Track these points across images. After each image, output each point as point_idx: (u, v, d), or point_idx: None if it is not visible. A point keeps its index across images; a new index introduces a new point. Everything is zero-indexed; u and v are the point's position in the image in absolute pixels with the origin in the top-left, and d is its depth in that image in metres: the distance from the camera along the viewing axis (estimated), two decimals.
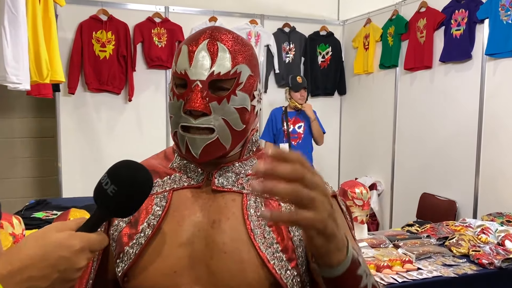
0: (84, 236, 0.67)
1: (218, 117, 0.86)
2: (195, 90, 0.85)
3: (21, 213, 2.95)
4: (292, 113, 4.15)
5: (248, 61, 0.90)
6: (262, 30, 4.47)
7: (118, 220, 0.93)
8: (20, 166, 4.25)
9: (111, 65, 3.94)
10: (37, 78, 2.38)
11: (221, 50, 0.87)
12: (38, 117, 4.24)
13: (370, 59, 4.39)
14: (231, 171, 0.93)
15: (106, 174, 0.70)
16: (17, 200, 4.09)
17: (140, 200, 0.72)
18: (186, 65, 0.87)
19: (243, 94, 0.89)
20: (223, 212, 0.88)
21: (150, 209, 0.91)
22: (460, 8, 3.43)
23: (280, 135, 4.14)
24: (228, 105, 0.87)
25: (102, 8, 3.92)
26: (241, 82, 0.88)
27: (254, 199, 0.90)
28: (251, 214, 0.88)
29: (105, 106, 4.04)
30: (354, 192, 2.48)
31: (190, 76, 0.86)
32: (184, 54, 0.88)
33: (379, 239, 2.49)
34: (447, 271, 2.10)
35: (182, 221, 0.89)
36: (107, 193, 0.68)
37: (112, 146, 4.01)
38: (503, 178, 3.14)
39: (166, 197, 0.92)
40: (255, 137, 0.99)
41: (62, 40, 3.79)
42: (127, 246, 0.89)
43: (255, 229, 0.86)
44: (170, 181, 0.94)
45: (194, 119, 0.86)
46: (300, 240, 0.89)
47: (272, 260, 0.84)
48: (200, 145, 0.87)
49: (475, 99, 3.32)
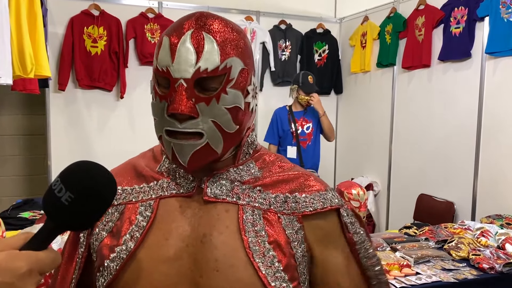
0: (31, 256, 0.55)
1: (207, 120, 0.76)
2: (179, 90, 0.74)
3: (8, 212, 2.88)
4: (298, 113, 3.85)
5: (240, 52, 0.78)
6: (257, 27, 4.39)
7: (99, 229, 0.83)
8: (9, 164, 4.16)
9: (102, 61, 3.85)
10: (21, 72, 2.29)
11: (208, 41, 0.74)
12: (28, 114, 4.15)
13: (367, 58, 4.33)
14: (226, 178, 0.83)
15: (59, 179, 0.58)
16: (5, 199, 4.01)
17: (101, 209, 0.61)
18: (168, 61, 0.75)
19: (235, 92, 0.77)
20: (215, 225, 0.79)
21: (133, 219, 0.81)
22: (459, 5, 3.36)
23: (287, 137, 3.84)
24: (218, 105, 0.76)
25: (94, 2, 3.83)
26: (232, 78, 0.77)
27: (251, 211, 0.80)
28: (249, 228, 0.78)
29: (97, 103, 3.96)
30: (351, 193, 2.41)
31: (173, 74, 0.74)
32: (165, 47, 0.76)
33: (376, 242, 2.42)
34: (446, 276, 2.03)
35: (169, 234, 0.79)
36: (61, 202, 0.57)
37: (103, 144, 3.92)
38: (503, 179, 3.08)
39: (152, 206, 0.82)
40: (251, 137, 0.88)
41: (53, 35, 3.70)
42: (107, 260, 0.79)
43: (253, 246, 0.77)
44: (157, 188, 0.84)
45: (180, 123, 0.75)
46: (302, 256, 0.80)
47: (273, 282, 0.75)
48: (188, 152, 0.76)
49: (474, 98, 3.26)
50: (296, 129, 3.80)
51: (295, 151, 3.78)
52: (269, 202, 0.82)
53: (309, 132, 3.84)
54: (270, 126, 3.94)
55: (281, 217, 0.81)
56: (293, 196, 0.83)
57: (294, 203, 0.82)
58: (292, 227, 0.81)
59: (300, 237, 0.80)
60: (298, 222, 0.81)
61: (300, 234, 0.81)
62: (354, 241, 0.85)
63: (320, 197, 0.83)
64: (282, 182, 0.84)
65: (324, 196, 0.84)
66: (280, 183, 0.84)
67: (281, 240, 0.79)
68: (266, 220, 0.80)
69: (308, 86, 3.73)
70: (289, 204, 0.82)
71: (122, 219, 0.82)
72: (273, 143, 3.92)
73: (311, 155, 3.84)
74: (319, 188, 0.85)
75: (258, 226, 0.79)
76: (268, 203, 0.81)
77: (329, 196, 0.85)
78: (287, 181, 0.84)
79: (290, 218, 0.81)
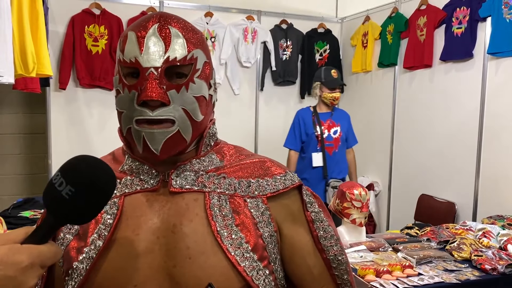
0: (33, 250, 0.55)
1: (178, 107, 0.78)
2: (150, 79, 0.76)
3: (8, 211, 2.87)
4: (324, 115, 3.46)
5: (202, 47, 0.82)
6: (259, 27, 4.38)
7: (63, 233, 0.83)
8: (9, 163, 4.15)
9: (103, 60, 3.84)
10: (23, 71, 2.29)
11: (174, 34, 0.78)
12: (28, 113, 4.13)
13: (368, 57, 4.32)
14: (189, 169, 0.85)
15: (59, 173, 0.59)
16: (6, 198, 3.99)
17: (102, 203, 0.61)
18: (136, 52, 0.77)
19: (200, 82, 0.81)
20: (184, 214, 0.80)
21: (99, 219, 0.81)
22: (461, 5, 3.36)
23: (311, 141, 3.44)
24: (187, 94, 0.79)
25: (95, 1, 3.82)
26: (198, 68, 0.80)
27: (218, 197, 0.82)
28: (216, 213, 0.80)
29: (97, 102, 3.95)
30: (353, 194, 2.40)
31: (143, 64, 0.76)
32: (132, 40, 0.78)
33: (378, 242, 2.42)
34: (449, 276, 2.03)
35: (138, 228, 0.79)
36: (62, 196, 0.57)
37: (103, 143, 3.90)
38: (504, 180, 3.08)
39: (117, 203, 0.82)
40: (212, 130, 0.91)
41: (54, 33, 3.69)
42: (76, 262, 0.79)
43: (221, 230, 0.79)
44: (120, 186, 0.84)
45: (151, 110, 0.77)
46: (270, 236, 0.83)
47: (242, 262, 0.77)
48: (160, 140, 0.77)
49: (476, 99, 3.25)
50: (322, 133, 3.41)
51: (320, 157, 3.40)
52: (234, 187, 0.85)
53: (336, 137, 3.46)
54: (291, 130, 3.55)
55: (246, 200, 0.84)
56: (256, 180, 0.86)
57: (257, 187, 0.86)
58: (257, 209, 0.84)
59: (266, 218, 0.84)
60: (263, 203, 0.85)
61: (266, 215, 0.84)
62: (312, 219, 0.88)
63: (281, 179, 0.88)
64: (243, 169, 0.88)
65: (284, 177, 0.88)
66: (241, 170, 0.87)
67: (247, 222, 0.81)
68: (232, 204, 0.83)
69: (331, 81, 3.37)
70: (253, 187, 0.85)
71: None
72: (295, 149, 3.52)
73: (338, 163, 3.47)
74: (279, 171, 0.89)
75: (225, 211, 0.81)
76: (233, 188, 0.84)
77: (289, 177, 0.89)
78: (247, 168, 0.88)
79: (256, 201, 0.84)
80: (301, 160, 3.53)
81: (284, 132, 4.64)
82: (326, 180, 3.41)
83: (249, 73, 4.43)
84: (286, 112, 4.65)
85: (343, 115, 3.56)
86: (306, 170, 3.46)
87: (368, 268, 2.05)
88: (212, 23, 4.18)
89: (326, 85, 3.38)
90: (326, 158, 3.40)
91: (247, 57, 4.34)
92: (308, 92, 4.64)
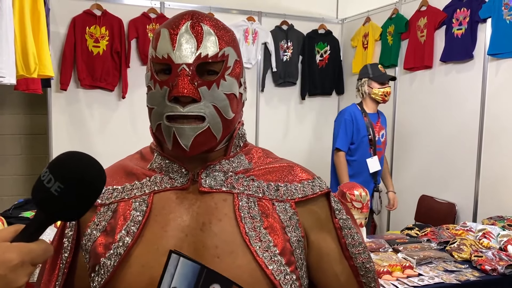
0: (23, 248, 0.55)
1: (209, 104, 0.78)
2: (181, 75, 0.76)
3: (9, 212, 2.87)
4: (373, 116, 3.25)
5: (234, 45, 0.83)
6: (259, 28, 4.39)
7: (91, 229, 0.83)
8: (10, 164, 4.15)
9: (104, 61, 3.85)
10: (24, 72, 2.29)
11: (206, 31, 0.79)
12: (29, 114, 4.14)
13: (369, 59, 4.32)
14: (219, 169, 0.85)
15: (48, 169, 0.58)
16: (7, 198, 4.00)
17: (92, 198, 0.60)
18: (168, 49, 0.78)
19: (231, 79, 0.81)
20: (213, 213, 0.80)
21: (128, 215, 0.81)
22: (462, 7, 3.36)
23: (361, 144, 3.20)
24: (218, 91, 0.79)
25: (96, 2, 3.83)
26: (229, 66, 0.81)
27: (247, 199, 0.82)
28: (245, 215, 0.80)
29: (98, 103, 3.96)
30: (353, 194, 2.41)
31: (175, 60, 0.77)
32: (165, 37, 0.79)
33: (378, 243, 2.42)
34: (449, 277, 2.03)
35: (167, 225, 0.80)
36: (51, 193, 0.56)
37: (105, 144, 3.92)
38: (504, 181, 3.08)
39: (146, 200, 0.82)
40: (242, 131, 0.91)
41: (55, 34, 3.70)
42: (103, 258, 0.79)
43: (250, 232, 0.79)
44: (150, 183, 0.85)
45: (182, 106, 0.77)
46: (298, 241, 0.82)
47: (270, 265, 0.77)
48: (191, 136, 0.78)
49: (477, 100, 3.26)
50: (374, 136, 3.18)
51: (377, 161, 3.18)
52: (262, 190, 0.84)
53: (383, 140, 3.30)
54: (342, 128, 3.23)
55: (275, 204, 0.83)
56: (284, 184, 0.86)
57: (286, 191, 0.85)
58: (286, 213, 0.83)
59: (294, 222, 0.83)
60: (292, 208, 0.84)
61: (294, 220, 0.83)
62: (340, 226, 0.88)
63: (309, 185, 0.87)
64: (272, 172, 0.88)
65: (312, 183, 0.88)
66: (270, 173, 0.87)
67: (276, 225, 0.81)
68: (261, 207, 0.82)
69: (381, 75, 3.14)
70: (281, 191, 0.85)
71: (115, 217, 0.82)
72: (346, 150, 3.23)
73: (381, 168, 3.32)
74: (307, 177, 0.89)
75: (253, 213, 0.81)
76: (262, 191, 0.84)
77: (317, 183, 0.89)
78: (276, 172, 0.88)
79: (284, 205, 0.84)
80: (348, 164, 3.27)
81: (285, 132, 4.67)
82: (375, 185, 3.30)
83: (250, 74, 4.44)
84: (287, 113, 4.66)
85: (384, 117, 3.39)
86: (355, 176, 3.22)
87: None
88: None
89: (376, 80, 3.15)
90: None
91: (247, 58, 4.35)
92: (308, 93, 4.66)
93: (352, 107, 3.30)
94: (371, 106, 3.25)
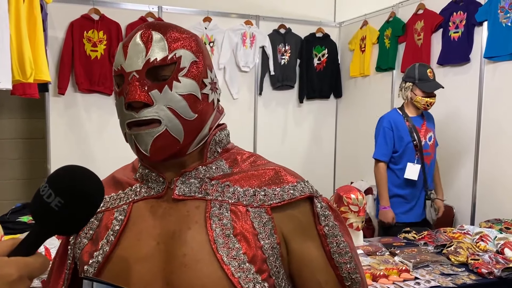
0: (20, 262, 0.55)
1: (162, 107, 0.78)
2: (132, 82, 0.78)
3: (7, 216, 2.87)
4: (417, 119, 3.03)
5: (190, 47, 0.82)
6: (257, 31, 4.40)
7: (81, 237, 0.86)
8: (8, 168, 4.16)
9: (102, 65, 3.86)
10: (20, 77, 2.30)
11: (155, 38, 0.80)
12: (27, 118, 4.15)
13: (366, 62, 4.33)
14: (195, 176, 0.84)
15: (47, 184, 0.59)
16: (4, 203, 4.00)
17: (90, 213, 0.62)
18: (121, 60, 0.80)
19: (188, 80, 0.81)
20: (184, 221, 0.81)
21: (109, 224, 0.84)
22: (458, 10, 3.38)
23: (406, 151, 2.99)
24: (172, 92, 0.79)
25: (94, 7, 3.84)
26: (182, 67, 0.80)
27: (219, 205, 0.81)
28: (215, 222, 0.79)
29: (96, 107, 3.96)
30: (350, 198, 2.41)
31: (126, 69, 0.79)
32: (119, 51, 0.82)
33: (375, 246, 2.42)
34: (445, 280, 2.03)
35: (140, 234, 0.81)
36: (51, 208, 0.57)
37: (103, 148, 3.92)
38: (502, 184, 3.08)
39: (125, 210, 0.85)
40: (220, 136, 0.89)
41: (53, 39, 3.71)
42: (86, 265, 0.82)
43: (218, 239, 0.78)
44: (131, 193, 0.87)
45: (136, 112, 0.78)
46: (272, 248, 0.80)
47: (237, 273, 0.76)
48: (148, 140, 0.78)
49: (473, 103, 3.26)
50: (420, 141, 2.97)
51: (418, 169, 2.96)
52: (237, 196, 0.83)
53: (431, 144, 3.06)
54: (380, 138, 3.04)
55: (249, 209, 0.81)
56: (262, 189, 0.83)
57: (263, 196, 0.82)
58: (260, 219, 0.81)
59: (268, 229, 0.81)
60: (267, 214, 0.81)
61: (269, 226, 0.81)
62: (325, 233, 0.84)
63: (289, 189, 0.83)
64: (252, 177, 0.85)
65: (294, 187, 0.84)
66: (250, 178, 0.85)
67: (247, 232, 0.79)
68: (233, 213, 0.81)
69: (428, 84, 2.89)
70: (257, 197, 0.82)
71: (100, 226, 0.85)
72: (386, 160, 3.03)
73: (432, 173, 3.11)
74: (290, 180, 0.85)
75: (224, 220, 0.80)
76: (236, 197, 0.82)
77: (299, 187, 0.84)
78: (257, 177, 0.85)
79: (259, 211, 0.81)
80: (391, 173, 3.08)
81: (283, 136, 4.68)
82: (426, 193, 3.05)
83: (248, 77, 4.45)
84: (285, 116, 4.67)
85: (431, 117, 3.13)
86: (403, 185, 3.05)
87: (364, 272, 2.05)
88: (211, 28, 4.20)
89: (421, 88, 2.90)
90: (425, 170, 3.01)
91: (245, 61, 4.36)
92: (306, 96, 4.66)
93: (392, 113, 3.10)
94: (413, 110, 3.02)
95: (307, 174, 1.09)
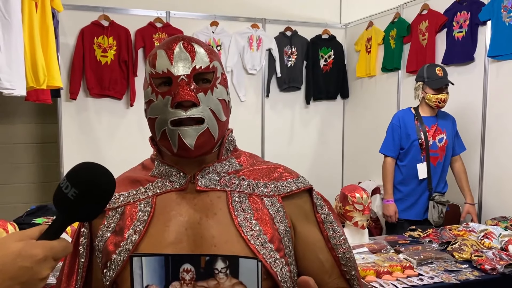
0: (46, 244, 0.65)
1: (206, 108, 0.90)
2: (181, 84, 0.89)
3: (22, 219, 2.95)
4: (429, 119, 3.06)
5: (219, 60, 0.97)
6: (263, 34, 4.46)
7: (102, 231, 0.94)
8: (22, 172, 4.26)
9: (112, 70, 3.94)
10: (34, 84, 2.38)
11: (197, 48, 0.93)
12: (40, 123, 4.25)
13: (372, 62, 4.37)
14: (212, 171, 0.96)
15: (66, 178, 0.69)
16: (20, 206, 4.09)
17: (103, 202, 0.71)
18: (167, 64, 0.90)
19: (221, 87, 0.95)
20: (209, 208, 0.91)
21: (134, 216, 0.92)
22: (462, 10, 3.40)
23: (411, 150, 3.06)
24: (213, 96, 0.92)
25: (104, 13, 3.93)
26: (218, 76, 0.94)
27: (238, 195, 0.94)
28: (237, 209, 0.91)
29: (107, 111, 4.05)
30: (354, 197, 2.46)
31: (175, 73, 0.90)
32: (162, 56, 0.92)
33: (380, 244, 2.46)
34: (448, 277, 2.07)
35: (169, 221, 0.90)
36: (68, 197, 0.67)
37: (114, 151, 4.00)
38: (508, 182, 3.10)
39: (150, 202, 0.93)
40: (231, 137, 1.03)
41: (64, 45, 3.81)
42: (114, 254, 0.89)
43: (242, 223, 0.89)
44: (152, 187, 0.96)
45: (185, 111, 0.89)
46: (285, 230, 0.93)
47: (261, 251, 0.87)
48: (194, 135, 0.89)
49: (478, 101, 3.28)
50: (427, 140, 3.01)
51: (424, 168, 3.04)
52: (252, 187, 0.96)
53: (441, 145, 3.05)
54: (388, 134, 3.16)
55: (264, 198, 0.95)
56: (271, 182, 0.98)
57: (273, 188, 0.97)
58: (273, 206, 0.95)
59: (281, 214, 0.95)
60: (279, 202, 0.96)
61: (281, 212, 0.95)
62: (322, 220, 0.99)
63: (293, 182, 1.00)
64: (260, 172, 1.00)
65: (297, 181, 1.00)
66: (258, 173, 0.99)
67: (265, 217, 0.92)
68: (251, 202, 0.94)
69: (436, 80, 2.95)
70: (269, 188, 0.97)
71: (123, 219, 0.93)
72: (393, 155, 3.12)
73: (442, 175, 3.12)
74: (292, 176, 1.01)
75: (245, 207, 0.93)
76: (252, 188, 0.96)
77: (301, 181, 1.01)
78: (263, 172, 1.00)
79: (272, 200, 0.95)
80: (397, 169, 3.18)
81: (290, 137, 4.72)
82: (430, 194, 3.09)
83: (255, 80, 4.51)
84: (292, 118, 4.72)
85: (448, 119, 3.13)
86: (404, 182, 3.14)
87: (368, 269, 2.10)
88: (218, 32, 4.27)
89: (430, 85, 2.97)
90: (430, 170, 3.04)
91: (252, 64, 4.42)
92: (313, 97, 4.71)
93: (404, 111, 3.17)
94: (427, 109, 3.06)
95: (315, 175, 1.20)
